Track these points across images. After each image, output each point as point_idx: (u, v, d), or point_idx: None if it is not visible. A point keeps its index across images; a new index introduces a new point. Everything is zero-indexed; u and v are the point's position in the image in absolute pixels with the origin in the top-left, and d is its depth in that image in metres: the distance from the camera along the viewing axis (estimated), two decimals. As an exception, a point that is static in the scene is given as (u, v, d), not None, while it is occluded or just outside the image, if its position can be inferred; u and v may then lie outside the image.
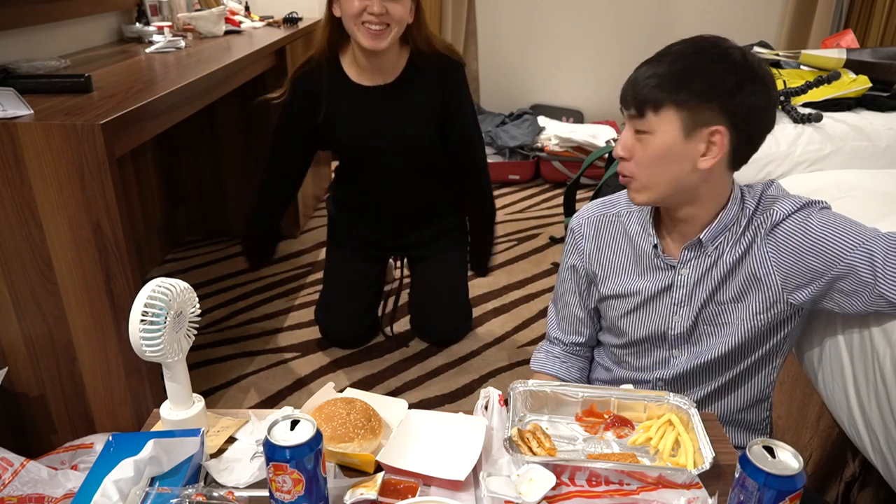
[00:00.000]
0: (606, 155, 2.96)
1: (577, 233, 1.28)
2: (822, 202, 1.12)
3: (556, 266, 2.96)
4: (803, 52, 2.13)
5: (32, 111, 1.42)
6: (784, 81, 2.00)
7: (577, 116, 4.44)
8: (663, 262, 1.18)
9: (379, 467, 0.93)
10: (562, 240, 3.19)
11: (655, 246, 1.18)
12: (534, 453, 0.94)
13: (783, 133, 1.80)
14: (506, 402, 1.02)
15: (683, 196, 1.10)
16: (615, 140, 3.49)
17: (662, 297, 1.20)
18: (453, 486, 0.90)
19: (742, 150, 1.07)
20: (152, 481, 0.87)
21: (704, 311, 1.18)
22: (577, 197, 3.16)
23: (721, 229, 1.12)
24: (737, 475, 0.79)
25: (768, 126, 1.07)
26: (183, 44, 2.39)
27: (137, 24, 2.66)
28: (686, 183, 1.08)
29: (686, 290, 1.17)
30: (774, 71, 2.10)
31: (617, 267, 1.24)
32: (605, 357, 1.34)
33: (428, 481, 0.92)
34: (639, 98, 1.05)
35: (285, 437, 0.78)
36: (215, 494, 0.87)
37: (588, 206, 1.30)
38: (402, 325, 2.44)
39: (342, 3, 1.46)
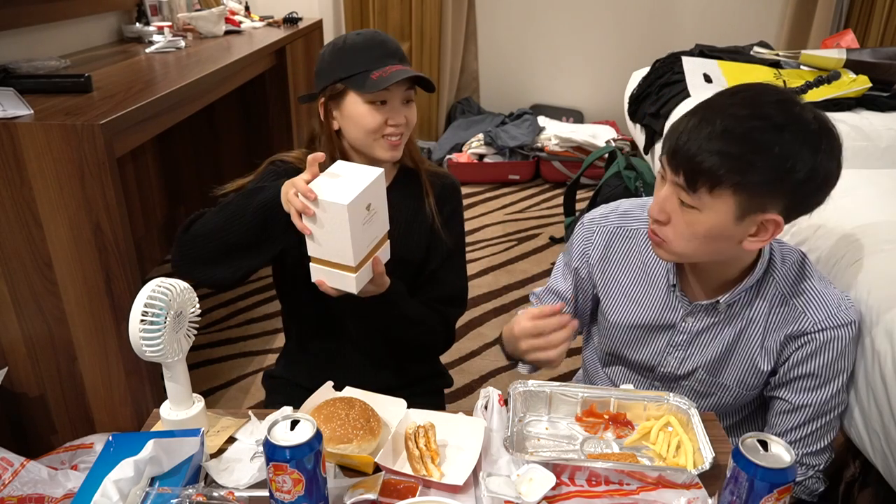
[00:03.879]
0: (606, 155, 2.96)
1: (587, 240, 1.21)
2: (854, 317, 1.07)
3: (556, 266, 2.96)
4: (803, 52, 2.14)
5: (32, 111, 1.42)
6: (784, 81, 2.00)
7: (577, 116, 4.44)
8: (674, 301, 1.13)
9: (378, 467, 0.93)
10: (562, 240, 3.19)
11: (674, 285, 1.13)
12: (419, 450, 0.94)
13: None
14: (506, 403, 1.02)
15: (713, 262, 1.06)
16: (615, 140, 3.50)
17: (662, 332, 1.16)
18: (452, 489, 0.90)
19: (791, 220, 1.00)
20: (152, 481, 0.87)
21: (698, 372, 1.15)
22: (577, 197, 3.16)
23: (741, 293, 1.07)
24: (729, 468, 0.79)
25: (824, 200, 0.97)
26: (183, 44, 2.39)
27: (137, 24, 2.66)
28: (726, 255, 1.03)
29: (687, 337, 1.14)
30: (775, 71, 2.10)
31: (621, 287, 1.19)
32: (592, 370, 1.34)
33: (428, 483, 0.92)
34: (694, 170, 0.93)
35: (285, 437, 0.78)
36: (215, 494, 0.87)
37: (609, 210, 1.22)
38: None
39: (352, 117, 1.19)
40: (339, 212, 0.97)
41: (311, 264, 1.07)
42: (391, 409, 1.03)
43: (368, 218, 1.02)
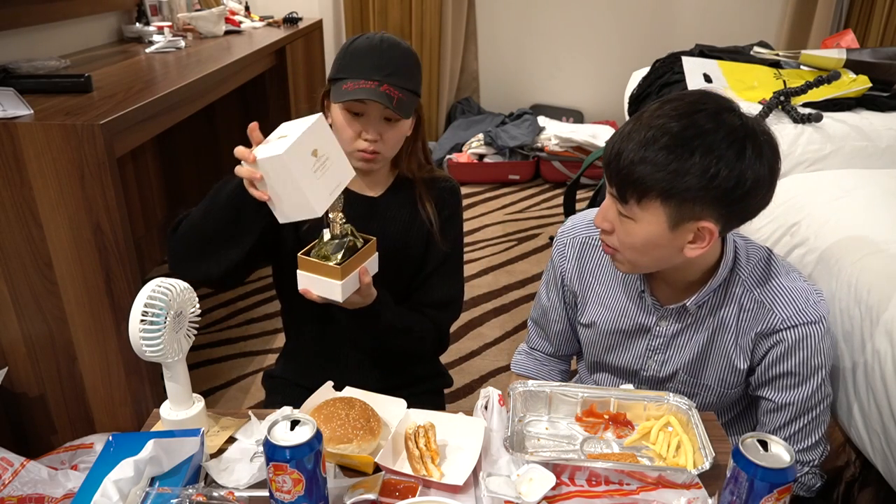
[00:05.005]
0: (606, 155, 2.95)
1: (560, 253, 1.23)
2: (823, 312, 1.06)
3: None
4: (803, 52, 2.13)
5: (32, 111, 1.42)
6: (784, 81, 2.00)
7: (577, 116, 4.44)
8: (647, 305, 1.14)
9: (378, 467, 0.93)
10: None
11: (643, 291, 1.14)
12: (419, 450, 0.94)
13: (783, 133, 1.80)
14: (506, 403, 1.02)
15: (671, 267, 1.06)
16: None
17: (640, 337, 1.17)
18: (452, 489, 0.90)
19: (732, 228, 1.01)
20: (152, 481, 0.87)
21: (679, 374, 1.16)
22: (577, 197, 3.16)
23: (708, 294, 1.08)
24: (729, 468, 0.79)
25: (765, 205, 0.98)
26: (183, 44, 2.39)
27: (137, 24, 2.66)
28: (672, 263, 1.04)
29: (663, 340, 1.15)
30: (775, 71, 2.09)
31: (597, 295, 1.20)
32: (585, 377, 1.34)
33: (428, 483, 0.92)
34: (623, 181, 0.94)
35: (285, 437, 0.78)
36: (215, 494, 0.87)
37: (577, 221, 1.23)
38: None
39: (334, 121, 1.19)
40: (280, 165, 0.95)
41: (298, 272, 1.07)
42: (391, 409, 1.03)
43: (319, 164, 0.99)
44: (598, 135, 3.92)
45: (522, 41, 4.42)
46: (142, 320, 0.90)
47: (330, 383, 1.06)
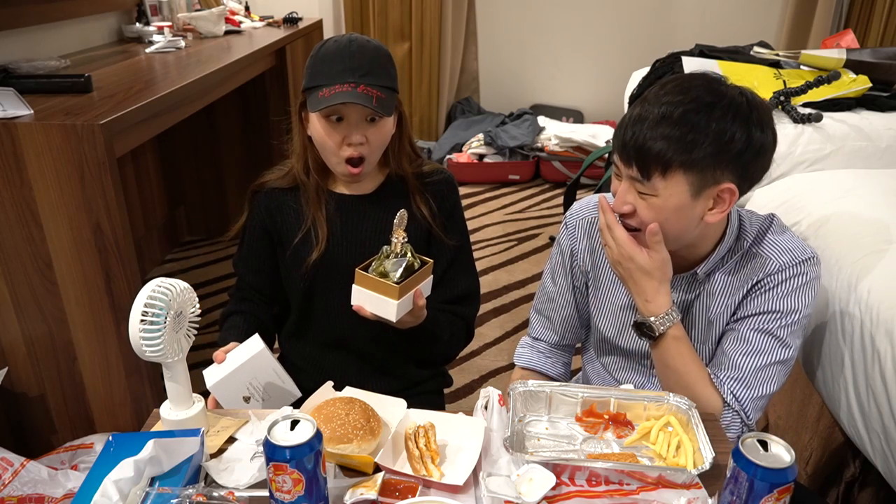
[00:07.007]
0: (606, 155, 2.96)
1: (570, 235, 1.25)
2: (816, 261, 1.10)
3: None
4: (803, 52, 2.13)
5: (32, 111, 1.42)
6: (784, 81, 2.00)
7: (577, 116, 4.44)
8: None
9: (378, 467, 0.93)
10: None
11: None
12: (419, 450, 0.94)
13: (783, 133, 1.80)
14: (506, 403, 1.02)
15: (687, 241, 1.10)
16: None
17: None
18: (452, 489, 0.91)
19: (744, 192, 1.06)
20: (152, 481, 0.87)
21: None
22: (577, 197, 3.16)
23: (716, 263, 1.12)
24: (729, 468, 0.79)
25: (768, 168, 1.06)
26: (183, 44, 2.39)
27: (137, 24, 2.66)
28: (692, 234, 1.07)
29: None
30: (775, 71, 2.09)
31: (608, 273, 1.22)
32: (591, 370, 1.34)
33: (428, 483, 0.92)
34: (644, 160, 1.00)
35: (285, 437, 0.78)
36: (215, 494, 0.87)
37: (583, 204, 1.26)
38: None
39: (314, 131, 1.18)
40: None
41: (353, 286, 1.11)
42: (391, 409, 1.03)
43: (254, 394, 1.11)
44: (598, 135, 3.92)
45: (522, 41, 4.42)
46: (142, 320, 0.90)
47: (330, 383, 1.06)
